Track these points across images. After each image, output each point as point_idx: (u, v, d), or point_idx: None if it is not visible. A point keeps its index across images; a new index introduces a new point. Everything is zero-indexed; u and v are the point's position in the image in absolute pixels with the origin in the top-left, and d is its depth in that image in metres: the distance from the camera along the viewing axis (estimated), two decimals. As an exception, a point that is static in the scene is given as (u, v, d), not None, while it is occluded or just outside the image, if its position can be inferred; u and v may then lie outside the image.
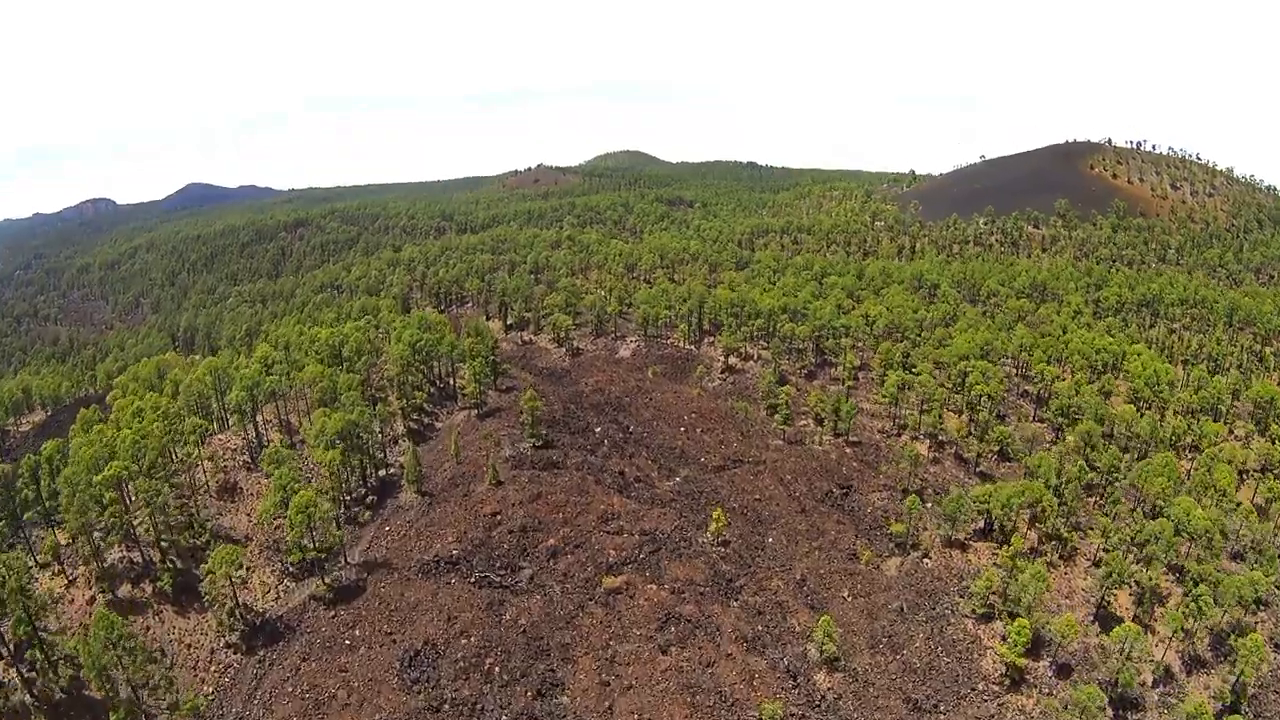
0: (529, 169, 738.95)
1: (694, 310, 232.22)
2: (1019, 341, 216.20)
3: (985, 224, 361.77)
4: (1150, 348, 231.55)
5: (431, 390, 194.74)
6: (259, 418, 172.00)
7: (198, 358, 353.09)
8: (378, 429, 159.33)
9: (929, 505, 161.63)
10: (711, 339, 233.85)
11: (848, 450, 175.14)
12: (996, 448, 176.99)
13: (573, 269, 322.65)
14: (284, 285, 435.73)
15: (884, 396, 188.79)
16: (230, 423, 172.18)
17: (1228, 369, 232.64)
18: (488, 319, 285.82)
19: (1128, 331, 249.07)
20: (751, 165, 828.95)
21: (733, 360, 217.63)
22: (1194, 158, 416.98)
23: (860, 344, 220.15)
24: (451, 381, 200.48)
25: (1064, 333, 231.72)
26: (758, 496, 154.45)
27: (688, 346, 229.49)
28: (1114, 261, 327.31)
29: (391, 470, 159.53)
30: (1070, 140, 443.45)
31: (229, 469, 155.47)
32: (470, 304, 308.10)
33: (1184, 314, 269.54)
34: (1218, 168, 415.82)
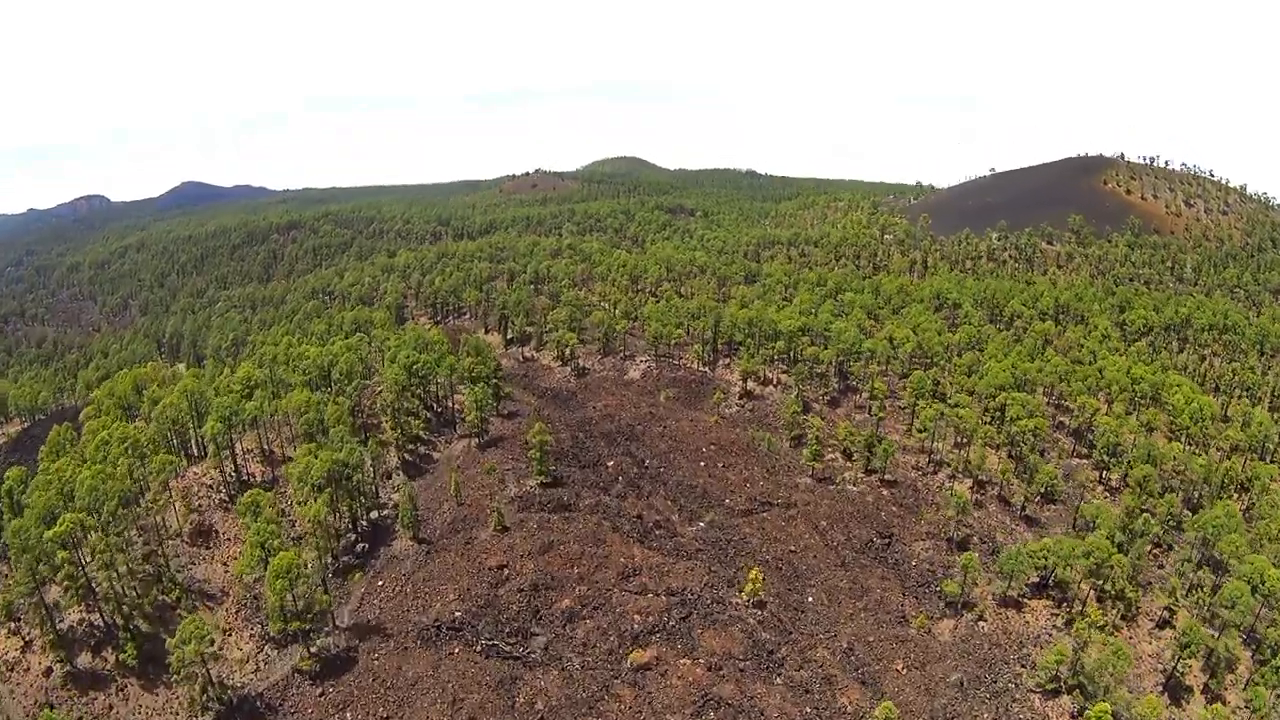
0: (526, 174, 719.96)
1: (709, 329, 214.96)
2: (1053, 369, 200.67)
3: (998, 239, 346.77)
4: (1180, 376, 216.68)
5: (428, 416, 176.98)
6: (239, 446, 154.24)
7: (181, 367, 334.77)
8: (369, 464, 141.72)
9: (975, 555, 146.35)
10: (727, 360, 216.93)
11: (884, 492, 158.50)
12: (1042, 489, 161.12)
13: (574, 280, 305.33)
14: (274, 290, 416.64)
15: (919, 430, 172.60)
16: (207, 452, 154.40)
17: (1259, 400, 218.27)
18: (486, 332, 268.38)
19: (1159, 358, 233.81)
20: (751, 174, 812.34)
21: (751, 385, 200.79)
22: (1207, 174, 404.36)
23: (886, 369, 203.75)
24: (450, 404, 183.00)
25: (1094, 359, 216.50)
26: (792, 547, 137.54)
27: (702, 368, 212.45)
28: (1132, 281, 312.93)
29: (385, 512, 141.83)
30: (1082, 155, 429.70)
31: (203, 509, 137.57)
32: (468, 316, 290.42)
33: (1213, 340, 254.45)
34: (1230, 185, 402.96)
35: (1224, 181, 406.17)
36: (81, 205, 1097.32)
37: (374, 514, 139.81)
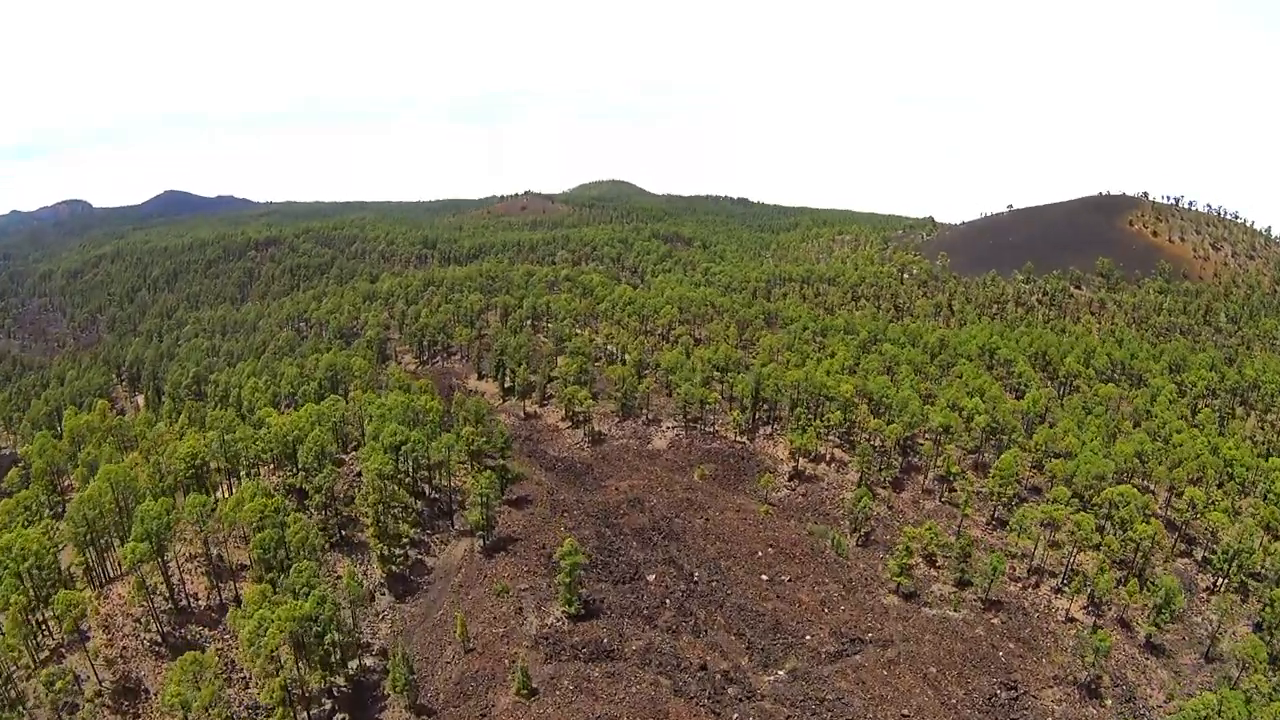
0: (515, 195, 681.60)
1: (746, 392, 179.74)
2: (1136, 449, 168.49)
3: (1024, 282, 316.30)
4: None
5: (419, 508, 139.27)
6: (180, 549, 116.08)
7: (139, 401, 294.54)
8: (345, 606, 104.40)
9: (1108, 703, 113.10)
10: (767, 428, 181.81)
11: (992, 620, 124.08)
12: (1169, 614, 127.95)
13: (576, 317, 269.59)
14: (247, 314, 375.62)
15: (1014, 530, 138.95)
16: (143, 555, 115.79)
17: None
18: (479, 377, 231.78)
19: (1230, 429, 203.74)
20: (743, 201, 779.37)
21: (801, 461, 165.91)
22: (1232, 216, 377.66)
23: (961, 446, 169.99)
24: (445, 480, 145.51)
25: (1168, 430, 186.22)
26: (904, 709, 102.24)
27: (740, 439, 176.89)
28: (1170, 331, 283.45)
29: (367, 662, 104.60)
30: (1104, 193, 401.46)
31: (128, 654, 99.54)
32: (459, 356, 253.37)
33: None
34: (1256, 227, 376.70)
35: (1249, 224, 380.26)
36: (63, 209, 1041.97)
37: (353, 664, 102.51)
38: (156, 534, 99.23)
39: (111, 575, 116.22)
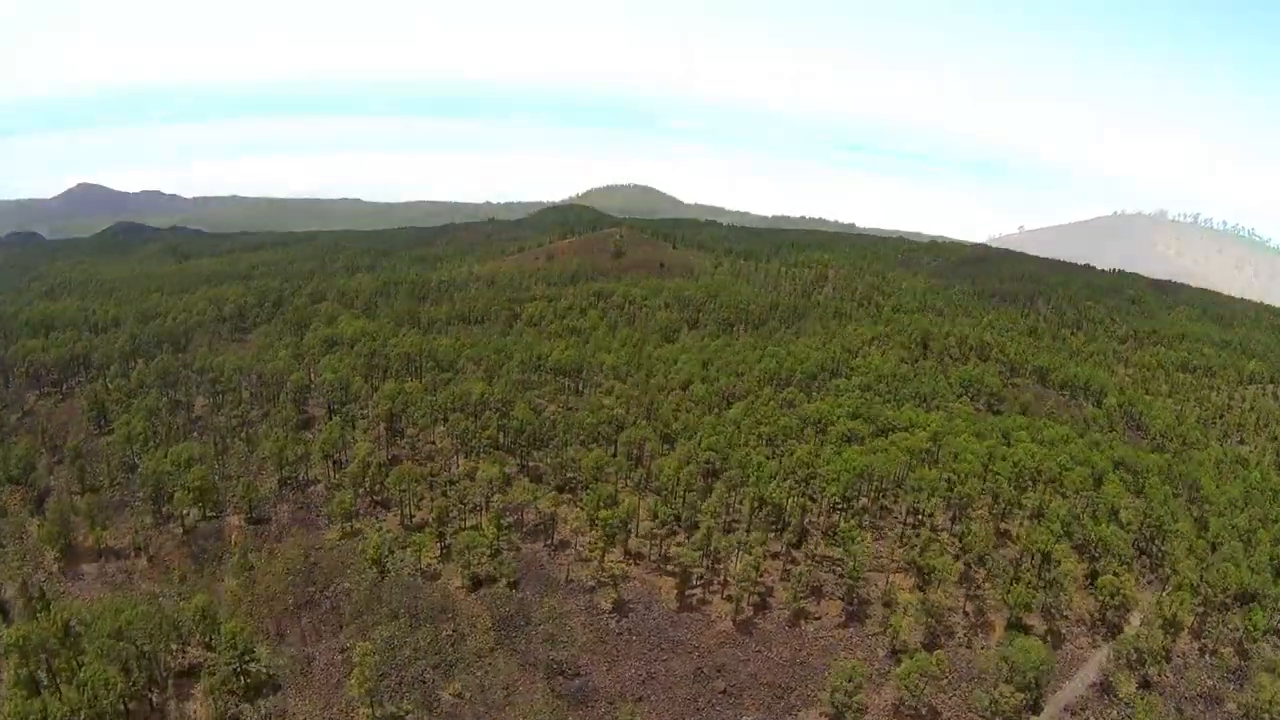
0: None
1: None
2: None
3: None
4: None
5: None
6: None
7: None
8: None
9: None
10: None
11: None
12: None
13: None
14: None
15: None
16: None
17: None
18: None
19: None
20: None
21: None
22: (1249, 233, 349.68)
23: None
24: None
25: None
26: None
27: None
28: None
29: None
30: (1119, 212, 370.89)
31: None
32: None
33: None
34: (1272, 245, 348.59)
35: (1267, 241, 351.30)
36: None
37: None
38: None
39: None
